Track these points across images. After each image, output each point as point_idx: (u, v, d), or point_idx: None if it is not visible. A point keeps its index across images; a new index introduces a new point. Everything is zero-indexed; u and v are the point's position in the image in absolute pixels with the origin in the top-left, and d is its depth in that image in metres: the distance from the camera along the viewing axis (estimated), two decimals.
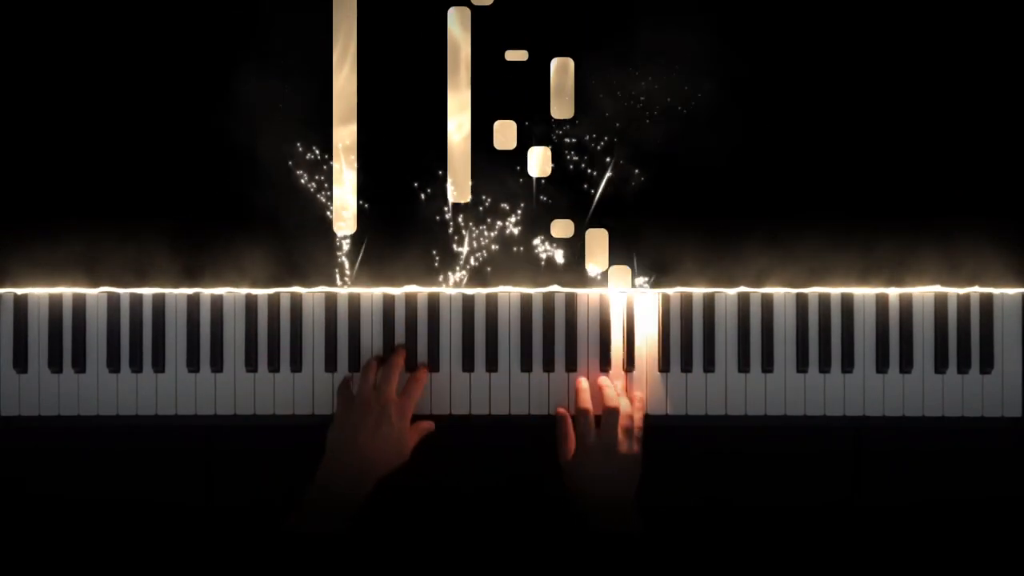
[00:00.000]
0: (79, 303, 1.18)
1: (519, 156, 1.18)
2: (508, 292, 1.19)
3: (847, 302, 1.19)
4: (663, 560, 1.11)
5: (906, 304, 1.19)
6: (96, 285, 1.18)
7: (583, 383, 1.17)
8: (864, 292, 1.18)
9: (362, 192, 1.19)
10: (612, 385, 1.17)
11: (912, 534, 1.20)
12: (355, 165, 1.18)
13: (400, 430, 1.13)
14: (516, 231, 1.18)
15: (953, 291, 1.18)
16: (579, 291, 1.19)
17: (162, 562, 1.20)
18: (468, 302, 1.19)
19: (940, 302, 1.19)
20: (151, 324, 1.18)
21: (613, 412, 1.13)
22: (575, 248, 1.19)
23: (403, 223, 1.19)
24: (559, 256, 1.18)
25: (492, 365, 1.19)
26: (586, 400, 1.15)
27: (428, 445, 1.19)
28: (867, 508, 1.21)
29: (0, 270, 1.18)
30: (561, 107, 1.18)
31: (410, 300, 1.19)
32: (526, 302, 1.19)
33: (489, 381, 1.19)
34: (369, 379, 1.14)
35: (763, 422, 1.19)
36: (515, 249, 1.18)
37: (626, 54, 1.17)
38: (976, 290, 1.18)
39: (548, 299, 1.19)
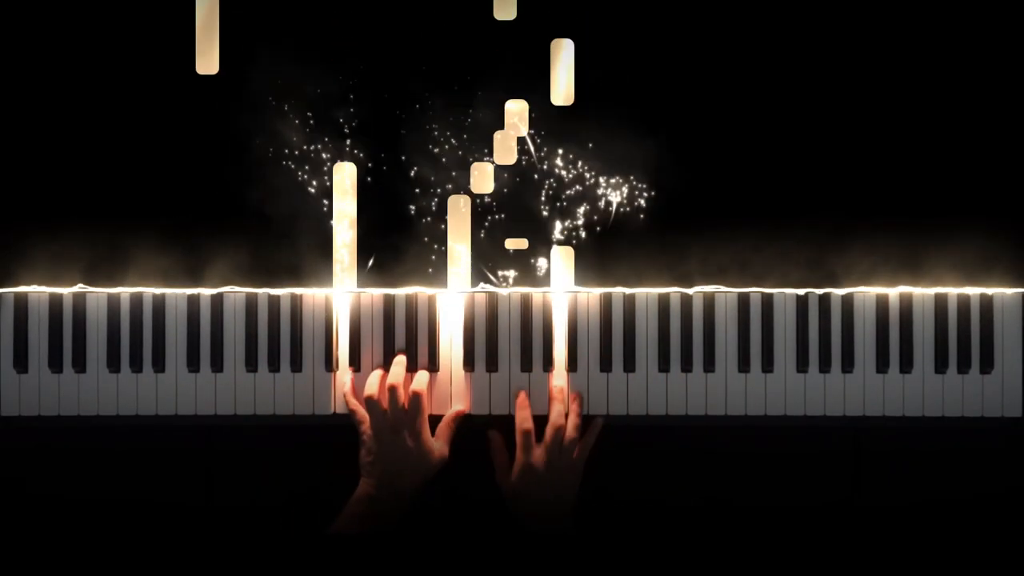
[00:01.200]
0: (79, 303, 1.18)
1: None
2: (508, 292, 1.19)
3: (847, 302, 1.19)
4: (606, 555, 1.12)
5: (906, 304, 1.19)
6: (96, 285, 1.18)
7: (523, 401, 1.17)
8: (864, 292, 1.18)
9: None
10: (563, 399, 1.16)
11: (912, 534, 1.20)
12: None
13: (418, 451, 1.13)
14: None
15: (953, 291, 1.18)
16: (579, 291, 1.19)
17: (162, 562, 1.20)
18: (468, 302, 1.19)
19: (940, 302, 1.19)
20: (151, 324, 1.18)
21: (560, 431, 1.13)
22: None
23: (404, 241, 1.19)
24: None
25: (492, 365, 1.19)
26: (527, 419, 1.15)
27: None
28: (867, 508, 1.21)
29: (0, 270, 1.18)
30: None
31: (410, 300, 1.19)
32: (526, 302, 1.19)
33: (489, 381, 1.19)
34: (377, 404, 1.13)
35: (763, 422, 1.19)
36: None
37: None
38: (976, 290, 1.18)
39: (548, 299, 1.19)
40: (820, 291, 1.19)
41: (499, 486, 1.16)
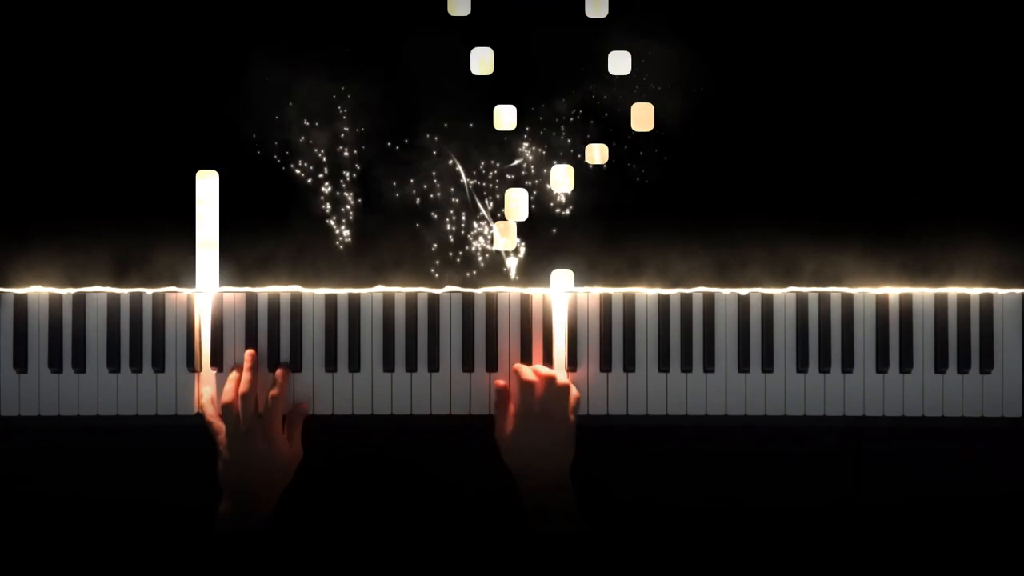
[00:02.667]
0: (79, 303, 1.18)
1: None
2: (508, 292, 1.19)
3: (847, 302, 1.19)
4: (606, 555, 1.12)
5: (906, 304, 1.19)
6: (96, 285, 1.18)
7: (519, 365, 1.18)
8: (864, 292, 1.18)
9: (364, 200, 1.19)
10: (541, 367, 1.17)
11: (912, 534, 1.20)
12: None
13: (271, 454, 1.11)
14: None
15: (953, 291, 1.18)
16: (579, 291, 1.19)
17: (162, 562, 1.20)
18: (468, 302, 1.19)
19: (940, 302, 1.19)
20: (151, 324, 1.18)
21: (552, 380, 1.13)
22: None
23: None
24: None
25: (492, 365, 1.19)
26: (528, 373, 1.15)
27: (430, 445, 1.20)
28: (867, 508, 1.21)
29: (0, 270, 1.18)
30: None
31: (410, 300, 1.19)
32: (526, 302, 1.19)
33: (489, 381, 1.19)
34: (232, 410, 1.12)
35: (763, 422, 1.19)
36: None
37: None
38: (976, 290, 1.18)
39: (548, 299, 1.19)
40: (820, 291, 1.19)
41: (496, 440, 1.15)
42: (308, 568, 1.13)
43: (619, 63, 1.18)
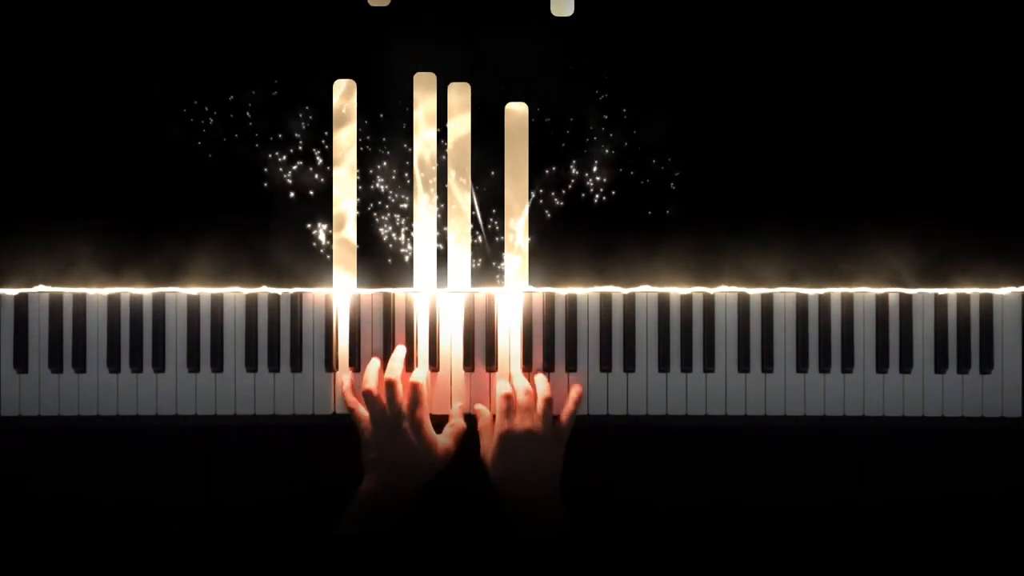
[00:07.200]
0: (79, 303, 1.18)
1: None
2: (508, 292, 1.19)
3: (847, 302, 1.19)
4: (592, 558, 1.12)
5: (906, 304, 1.19)
6: (96, 285, 1.18)
7: (502, 371, 1.18)
8: (864, 292, 1.18)
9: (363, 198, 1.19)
10: (520, 374, 1.18)
11: (912, 534, 1.20)
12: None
13: (421, 445, 1.13)
14: None
15: (953, 291, 1.18)
16: (579, 291, 1.19)
17: (162, 562, 1.20)
18: (468, 302, 1.19)
19: (940, 302, 1.19)
20: (151, 324, 1.18)
21: (529, 393, 1.14)
22: None
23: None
24: None
25: (492, 365, 1.19)
26: (505, 386, 1.15)
27: None
28: (867, 508, 1.21)
29: (0, 270, 1.18)
30: None
31: (410, 300, 1.19)
32: (526, 302, 1.19)
33: (489, 381, 1.19)
34: (377, 398, 1.13)
35: (763, 422, 1.19)
36: None
37: None
38: (976, 290, 1.18)
39: (548, 299, 1.19)
40: (820, 291, 1.19)
41: (483, 460, 1.15)
42: (308, 565, 1.13)
43: None
